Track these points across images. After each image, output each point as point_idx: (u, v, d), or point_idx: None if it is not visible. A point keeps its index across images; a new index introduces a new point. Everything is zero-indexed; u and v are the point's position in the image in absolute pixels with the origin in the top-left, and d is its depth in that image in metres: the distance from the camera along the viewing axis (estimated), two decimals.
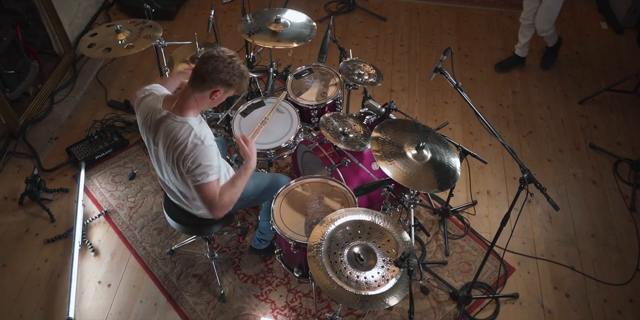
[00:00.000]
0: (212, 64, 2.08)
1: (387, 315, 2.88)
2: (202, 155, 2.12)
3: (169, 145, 2.17)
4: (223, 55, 2.10)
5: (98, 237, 3.21)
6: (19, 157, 3.60)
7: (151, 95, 2.28)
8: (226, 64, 2.09)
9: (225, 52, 2.12)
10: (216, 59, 2.08)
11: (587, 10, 4.88)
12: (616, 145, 3.75)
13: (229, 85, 2.14)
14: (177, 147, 2.14)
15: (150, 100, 2.26)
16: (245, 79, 2.18)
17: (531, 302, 2.96)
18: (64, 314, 2.85)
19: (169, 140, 2.16)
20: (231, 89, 2.16)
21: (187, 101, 2.15)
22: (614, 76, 4.15)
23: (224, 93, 2.17)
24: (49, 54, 4.11)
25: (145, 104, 2.27)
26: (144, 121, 2.26)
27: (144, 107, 2.27)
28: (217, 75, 2.08)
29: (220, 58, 2.09)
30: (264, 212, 2.83)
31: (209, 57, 2.09)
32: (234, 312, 2.88)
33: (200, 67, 2.09)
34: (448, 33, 4.63)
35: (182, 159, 2.14)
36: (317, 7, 4.84)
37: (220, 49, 2.12)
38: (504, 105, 4.03)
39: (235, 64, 2.11)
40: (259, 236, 2.95)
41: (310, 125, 3.19)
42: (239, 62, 2.13)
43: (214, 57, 2.08)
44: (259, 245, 3.00)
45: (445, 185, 2.48)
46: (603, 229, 3.29)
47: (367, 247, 2.25)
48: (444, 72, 2.47)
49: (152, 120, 2.22)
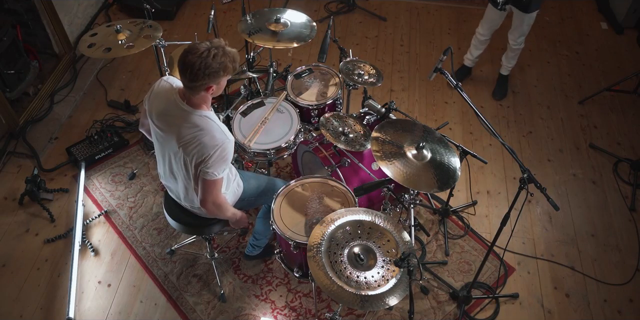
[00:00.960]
0: (189, 71, 2.01)
1: (387, 315, 2.88)
2: (227, 151, 2.15)
3: (190, 139, 2.14)
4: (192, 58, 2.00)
5: (98, 237, 3.21)
6: (19, 157, 3.60)
7: (167, 84, 2.25)
8: (201, 63, 2.00)
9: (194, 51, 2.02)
10: (191, 65, 2.00)
11: (587, 10, 4.88)
12: (616, 145, 3.75)
13: (218, 78, 2.08)
14: (202, 141, 2.12)
15: (167, 88, 2.23)
16: (229, 62, 2.07)
17: (531, 302, 2.96)
18: (64, 314, 2.85)
19: (191, 134, 2.13)
20: (222, 78, 2.11)
21: (194, 98, 2.14)
22: (614, 76, 4.16)
23: (219, 84, 2.13)
24: (49, 54, 4.11)
25: (160, 90, 2.24)
26: (156, 108, 2.21)
27: (158, 93, 2.23)
28: (200, 80, 2.02)
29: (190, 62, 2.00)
30: (261, 216, 2.83)
31: (184, 63, 2.02)
32: (234, 312, 2.88)
33: (181, 74, 2.05)
34: (448, 33, 4.63)
35: (206, 153, 2.12)
36: (317, 7, 4.84)
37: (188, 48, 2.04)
38: (504, 105, 4.03)
39: (208, 59, 2.01)
40: (253, 242, 2.94)
41: (310, 125, 3.19)
42: (212, 53, 2.02)
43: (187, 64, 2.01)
44: (252, 251, 2.99)
45: (445, 185, 2.48)
46: (603, 229, 3.29)
47: (367, 247, 2.25)
48: (444, 72, 2.47)
49: (167, 110, 2.19)
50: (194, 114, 2.14)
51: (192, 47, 2.03)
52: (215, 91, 2.14)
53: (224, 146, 2.13)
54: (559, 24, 4.75)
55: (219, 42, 2.08)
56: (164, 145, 2.28)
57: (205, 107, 2.19)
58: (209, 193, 2.25)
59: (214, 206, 2.30)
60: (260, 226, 2.85)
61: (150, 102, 2.25)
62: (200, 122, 2.14)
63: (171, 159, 2.30)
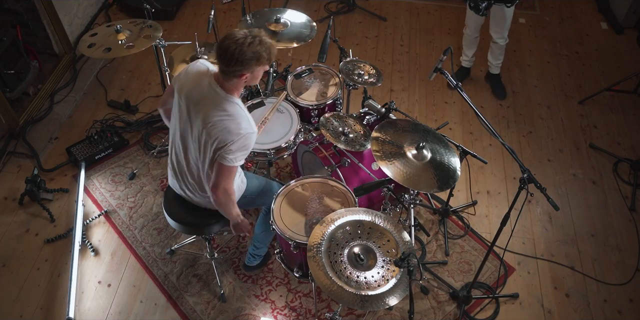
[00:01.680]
0: (224, 56, 2.04)
1: (387, 315, 2.88)
2: (250, 142, 2.17)
3: (217, 122, 2.14)
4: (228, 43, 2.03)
5: (98, 237, 3.21)
6: (19, 157, 3.60)
7: (204, 67, 2.25)
8: (235, 49, 2.02)
9: (231, 36, 2.04)
10: (226, 49, 2.03)
11: (587, 10, 4.88)
12: (616, 145, 3.75)
13: (251, 67, 2.08)
14: (228, 127, 2.12)
15: (202, 70, 2.24)
16: (264, 51, 2.06)
17: (531, 302, 2.96)
18: (64, 314, 2.85)
19: (219, 117, 2.14)
20: (256, 67, 2.10)
21: (228, 84, 2.15)
22: (614, 76, 4.16)
23: (253, 73, 2.13)
24: (49, 54, 4.11)
25: (194, 71, 2.24)
26: (188, 87, 2.21)
27: (192, 73, 2.24)
28: (234, 66, 2.05)
29: (226, 47, 2.03)
30: (260, 222, 2.82)
31: (220, 47, 2.05)
32: (234, 312, 2.88)
33: (218, 59, 2.08)
34: (448, 33, 4.63)
35: (229, 139, 2.13)
36: (317, 7, 4.84)
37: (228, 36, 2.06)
38: (504, 105, 4.03)
39: (243, 46, 2.02)
40: (253, 251, 2.92)
41: (310, 125, 3.19)
42: (249, 41, 2.03)
43: (222, 48, 2.04)
44: (252, 262, 2.97)
45: (445, 185, 2.48)
46: (603, 229, 3.29)
47: (367, 247, 2.25)
48: (444, 72, 2.47)
49: (199, 90, 2.18)
50: (226, 99, 2.15)
51: (230, 33, 2.05)
52: (249, 80, 2.15)
53: (248, 136, 2.15)
54: (559, 24, 4.75)
55: (258, 31, 2.08)
56: (186, 124, 2.26)
57: (237, 94, 2.19)
58: (222, 178, 2.23)
59: (224, 194, 2.27)
60: (260, 232, 2.84)
61: (181, 80, 2.25)
62: (230, 108, 2.14)
63: (188, 140, 2.28)
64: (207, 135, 2.17)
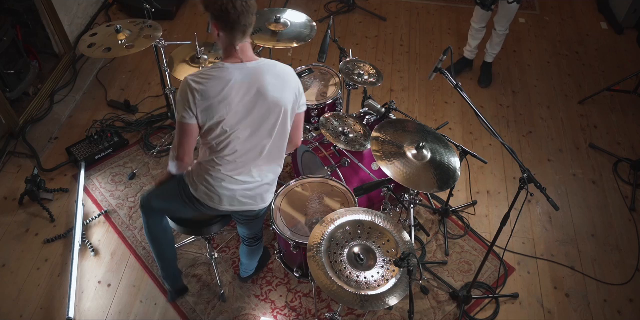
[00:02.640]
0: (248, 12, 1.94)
1: (387, 315, 2.88)
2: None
3: (287, 81, 2.10)
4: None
5: (98, 237, 3.21)
6: (19, 157, 3.60)
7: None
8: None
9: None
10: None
11: (587, 10, 4.88)
12: (616, 145, 3.75)
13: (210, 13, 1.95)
14: (291, 80, 2.12)
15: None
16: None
17: (531, 302, 2.96)
18: (64, 314, 2.85)
19: (285, 85, 2.09)
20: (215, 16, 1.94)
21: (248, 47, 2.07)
22: (614, 76, 4.16)
23: (214, 25, 1.98)
24: (49, 54, 4.11)
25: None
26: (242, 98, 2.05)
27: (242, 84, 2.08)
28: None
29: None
30: (243, 253, 2.79)
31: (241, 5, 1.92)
32: (234, 312, 2.88)
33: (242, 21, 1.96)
34: (448, 33, 4.63)
35: (299, 88, 2.16)
36: (317, 7, 4.84)
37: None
38: (504, 105, 4.03)
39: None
40: (245, 269, 2.92)
41: (310, 125, 3.19)
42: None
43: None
44: (247, 272, 2.95)
45: (445, 185, 2.48)
46: (603, 229, 3.29)
47: (367, 247, 2.25)
48: (444, 72, 2.47)
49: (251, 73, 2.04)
50: (264, 63, 2.07)
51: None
52: (216, 37, 2.05)
53: (293, 71, 2.16)
54: (559, 24, 4.75)
55: None
56: (257, 122, 2.10)
57: (227, 58, 2.07)
58: (302, 126, 2.31)
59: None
60: (247, 261, 2.85)
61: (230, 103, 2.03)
62: (278, 65, 2.10)
63: (264, 136, 2.15)
64: (292, 100, 2.13)
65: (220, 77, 1.99)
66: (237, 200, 2.30)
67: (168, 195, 2.41)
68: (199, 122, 2.04)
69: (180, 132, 2.07)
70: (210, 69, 2.02)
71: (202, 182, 2.24)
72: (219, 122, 2.03)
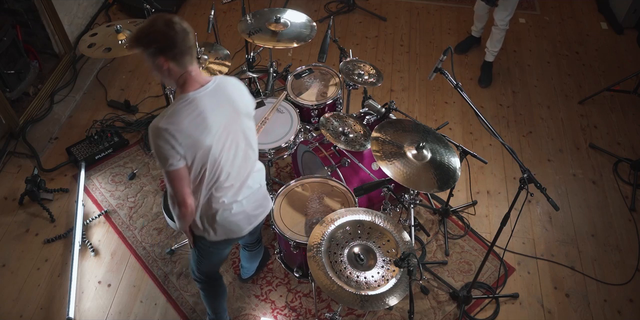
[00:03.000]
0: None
1: (387, 315, 2.88)
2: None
3: (242, 87, 2.09)
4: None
5: (98, 237, 3.21)
6: (19, 157, 3.60)
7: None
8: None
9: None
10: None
11: (587, 10, 4.88)
12: (616, 145, 3.75)
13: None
14: (242, 84, 2.11)
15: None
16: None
17: (531, 302, 2.96)
18: (64, 314, 2.85)
19: (242, 91, 2.09)
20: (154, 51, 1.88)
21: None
22: (614, 76, 4.16)
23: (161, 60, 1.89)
24: (49, 54, 4.10)
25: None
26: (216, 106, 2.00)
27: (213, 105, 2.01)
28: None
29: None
30: (244, 257, 2.80)
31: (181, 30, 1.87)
32: (234, 312, 2.88)
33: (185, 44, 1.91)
34: (448, 33, 4.63)
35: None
36: (317, 7, 4.84)
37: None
38: (504, 105, 4.03)
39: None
40: (245, 269, 2.93)
41: (310, 125, 3.19)
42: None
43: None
44: (247, 273, 2.95)
45: (445, 185, 2.48)
46: (603, 229, 3.29)
47: (367, 247, 2.25)
48: (444, 72, 2.47)
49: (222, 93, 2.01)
50: (219, 79, 2.03)
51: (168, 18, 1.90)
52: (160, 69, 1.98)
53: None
54: (559, 24, 4.75)
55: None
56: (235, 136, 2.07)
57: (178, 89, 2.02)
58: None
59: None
60: (247, 264, 2.86)
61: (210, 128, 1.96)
62: (224, 78, 2.06)
63: (243, 147, 2.11)
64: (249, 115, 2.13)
65: (190, 109, 1.91)
66: (252, 215, 2.25)
67: (205, 258, 2.37)
68: (188, 161, 1.94)
69: (172, 181, 1.96)
70: (176, 105, 1.92)
71: (213, 224, 2.15)
72: (207, 152, 1.95)
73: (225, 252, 2.40)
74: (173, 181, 1.97)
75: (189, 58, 1.91)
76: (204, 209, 2.11)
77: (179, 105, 1.92)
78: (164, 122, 1.88)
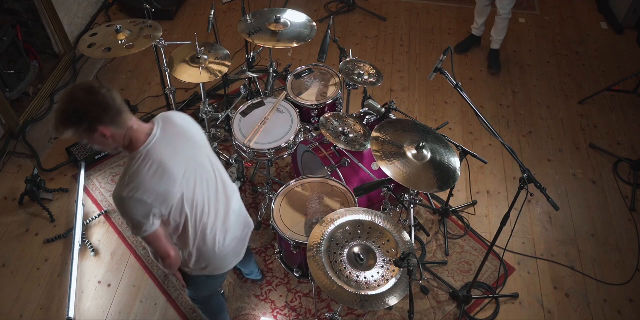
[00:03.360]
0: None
1: (387, 315, 2.88)
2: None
3: (186, 116, 2.01)
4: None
5: (98, 237, 3.21)
6: (19, 157, 3.60)
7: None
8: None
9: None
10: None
11: (587, 10, 4.88)
12: (616, 145, 3.75)
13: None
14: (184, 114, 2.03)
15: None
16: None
17: (531, 302, 2.96)
18: (64, 314, 2.85)
19: (189, 121, 2.00)
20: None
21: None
22: (614, 76, 4.16)
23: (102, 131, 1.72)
24: (49, 54, 4.11)
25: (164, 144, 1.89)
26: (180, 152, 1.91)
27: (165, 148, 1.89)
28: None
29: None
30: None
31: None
32: (234, 312, 2.88)
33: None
34: (448, 33, 4.63)
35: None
36: (317, 7, 4.84)
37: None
38: (504, 105, 4.03)
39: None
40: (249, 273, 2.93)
41: (310, 125, 3.19)
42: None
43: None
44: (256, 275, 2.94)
45: (445, 185, 2.48)
46: (603, 229, 3.29)
47: (367, 247, 2.25)
48: (444, 72, 2.47)
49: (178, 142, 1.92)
50: (161, 119, 1.93)
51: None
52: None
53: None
54: (559, 24, 4.75)
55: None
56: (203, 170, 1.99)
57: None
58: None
59: None
60: (247, 270, 2.84)
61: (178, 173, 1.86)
62: (165, 116, 1.96)
63: (214, 177, 2.03)
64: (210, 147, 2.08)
65: (148, 165, 1.79)
66: (242, 238, 2.23)
67: (205, 289, 2.37)
68: (164, 214, 1.85)
69: (151, 243, 1.89)
70: (132, 167, 1.79)
71: (213, 260, 2.10)
72: (181, 199, 1.87)
73: (224, 277, 2.37)
74: (152, 243, 1.90)
75: (125, 114, 1.75)
76: (199, 250, 2.04)
77: (133, 166, 1.78)
78: (126, 190, 1.75)
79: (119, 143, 1.78)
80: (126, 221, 1.83)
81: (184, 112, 3.94)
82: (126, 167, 1.81)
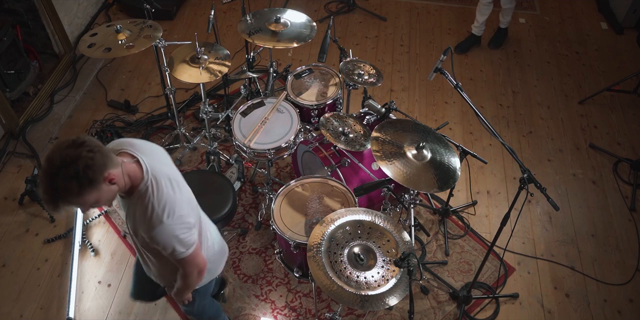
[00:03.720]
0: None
1: (387, 315, 2.88)
2: None
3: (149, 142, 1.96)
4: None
5: (98, 237, 3.21)
6: (19, 157, 3.60)
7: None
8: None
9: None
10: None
11: (587, 10, 4.88)
12: (616, 145, 3.75)
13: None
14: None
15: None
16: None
17: (531, 302, 2.96)
18: (64, 314, 2.85)
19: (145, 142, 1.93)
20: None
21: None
22: (614, 76, 4.16)
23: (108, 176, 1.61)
24: (49, 54, 4.10)
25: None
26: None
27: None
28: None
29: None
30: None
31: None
32: (234, 312, 2.88)
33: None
34: (448, 33, 4.63)
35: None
36: (317, 7, 4.84)
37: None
38: (504, 105, 4.03)
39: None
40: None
41: (310, 125, 3.19)
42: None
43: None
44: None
45: (445, 185, 2.48)
46: (603, 229, 3.29)
47: (367, 247, 2.25)
48: (444, 72, 2.47)
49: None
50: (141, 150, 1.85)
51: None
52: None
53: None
54: (559, 24, 4.75)
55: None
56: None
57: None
58: None
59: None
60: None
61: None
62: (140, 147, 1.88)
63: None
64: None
65: (163, 185, 1.73)
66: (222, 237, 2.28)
67: (206, 296, 2.36)
68: (197, 224, 1.87)
69: (196, 255, 1.84)
70: (152, 197, 1.71)
71: (210, 264, 2.03)
72: (194, 201, 1.91)
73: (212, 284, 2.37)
74: (196, 256, 1.85)
75: (113, 153, 1.68)
76: (206, 252, 2.03)
77: (153, 194, 1.71)
78: (164, 216, 1.70)
79: (120, 184, 1.66)
80: (172, 248, 1.75)
81: (184, 113, 3.95)
82: (144, 204, 1.70)
